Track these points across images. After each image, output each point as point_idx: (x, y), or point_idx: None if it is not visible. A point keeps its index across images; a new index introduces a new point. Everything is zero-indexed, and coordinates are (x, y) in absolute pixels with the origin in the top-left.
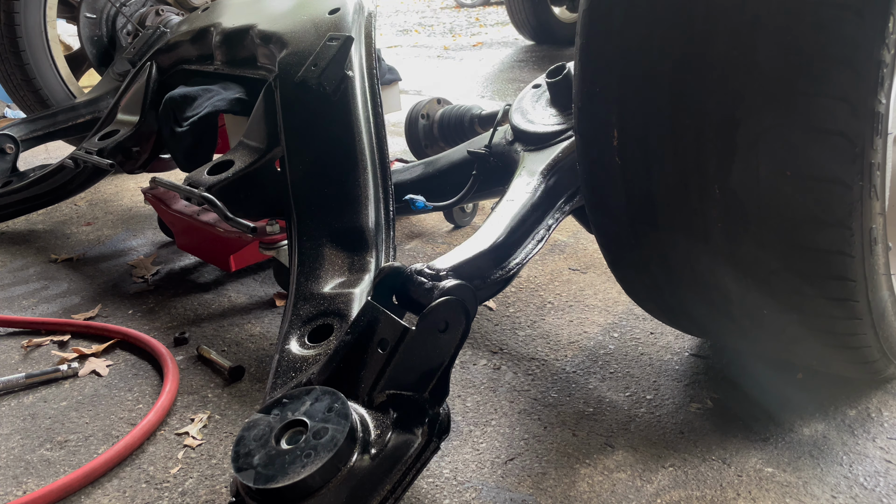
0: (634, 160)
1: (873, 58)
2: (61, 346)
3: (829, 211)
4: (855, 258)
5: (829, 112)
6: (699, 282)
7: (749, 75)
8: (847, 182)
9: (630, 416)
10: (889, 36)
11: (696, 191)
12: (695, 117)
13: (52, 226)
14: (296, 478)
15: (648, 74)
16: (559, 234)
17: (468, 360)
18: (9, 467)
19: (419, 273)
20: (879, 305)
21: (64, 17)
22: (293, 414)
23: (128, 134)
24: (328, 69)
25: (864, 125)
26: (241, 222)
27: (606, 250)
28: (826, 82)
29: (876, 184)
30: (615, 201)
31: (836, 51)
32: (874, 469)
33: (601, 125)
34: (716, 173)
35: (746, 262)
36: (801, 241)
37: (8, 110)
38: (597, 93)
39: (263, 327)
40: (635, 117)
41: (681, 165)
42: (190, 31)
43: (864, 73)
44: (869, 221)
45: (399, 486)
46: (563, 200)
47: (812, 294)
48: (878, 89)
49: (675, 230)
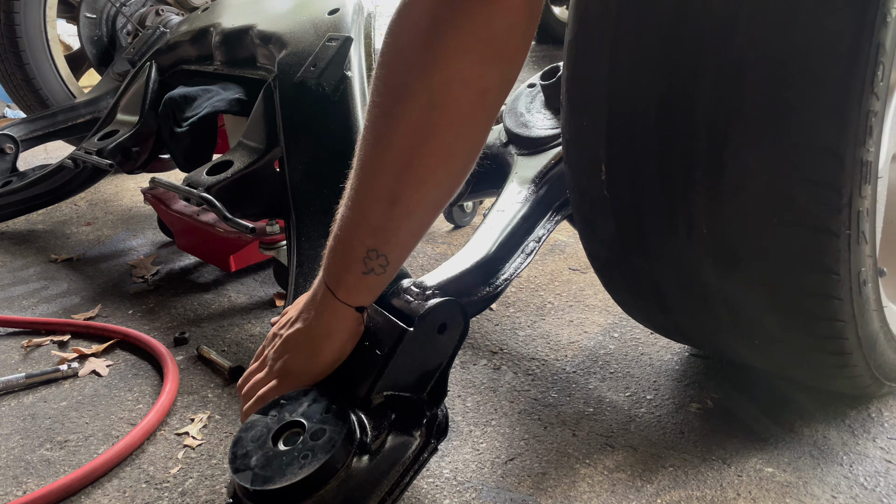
0: (623, 195)
1: (861, 108)
2: (61, 346)
3: (816, 257)
4: (843, 301)
5: (815, 162)
6: (691, 309)
7: (735, 120)
8: (834, 231)
9: (630, 416)
10: (878, 84)
11: (684, 228)
12: (682, 157)
13: (52, 226)
14: (293, 479)
15: (635, 112)
16: (559, 234)
17: (468, 360)
18: (9, 467)
19: (406, 291)
20: (870, 339)
21: (64, 17)
22: (291, 415)
23: (127, 134)
24: (327, 69)
25: (851, 175)
26: (240, 223)
27: (600, 274)
28: (812, 132)
29: (864, 230)
30: (605, 231)
31: (822, 100)
32: (874, 469)
33: (589, 159)
34: (703, 213)
35: (735, 297)
36: (788, 284)
37: (8, 110)
38: (584, 127)
39: (263, 327)
40: (623, 154)
41: (669, 203)
42: (190, 31)
43: (851, 124)
44: (858, 266)
45: (397, 487)
46: (554, 209)
47: (801, 331)
48: (867, 139)
49: (665, 263)
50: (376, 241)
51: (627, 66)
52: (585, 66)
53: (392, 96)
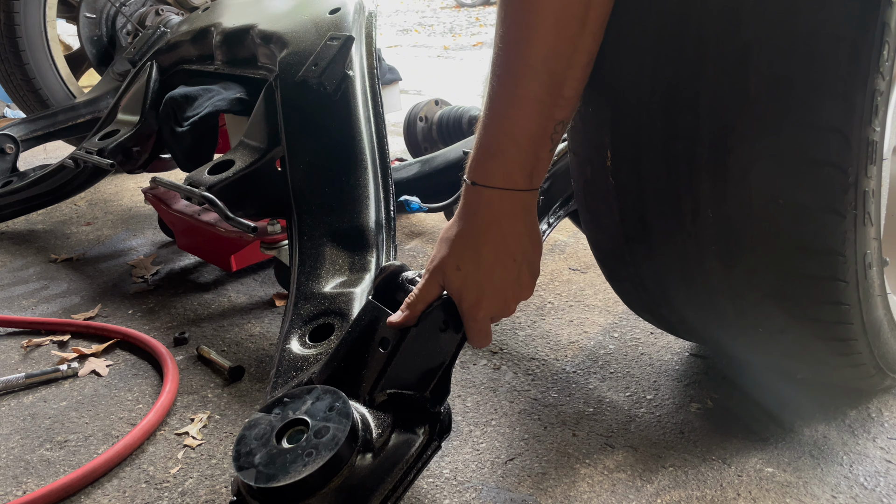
0: (628, 182)
1: (867, 88)
2: (61, 346)
3: (822, 239)
4: (849, 283)
5: (821, 143)
6: (695, 300)
7: (740, 104)
8: (840, 211)
9: (630, 416)
10: (883, 64)
11: (689, 214)
12: (687, 143)
13: (52, 226)
14: (297, 477)
15: (640, 98)
16: (559, 234)
17: (468, 360)
18: (9, 467)
19: (411, 282)
20: (875, 325)
21: (64, 17)
22: (294, 413)
23: (128, 134)
24: (329, 69)
25: (857, 155)
26: (242, 222)
27: (603, 265)
28: (818, 113)
29: (870, 210)
30: (609, 220)
31: (828, 82)
32: (874, 469)
33: (594, 146)
34: (709, 198)
35: (741, 284)
36: (794, 268)
37: (8, 110)
38: (589, 113)
39: (263, 327)
40: (628, 140)
41: (674, 189)
42: (190, 30)
43: (857, 104)
44: (863, 248)
45: (400, 485)
46: (557, 205)
47: (806, 317)
48: (873, 118)
49: (670, 251)
50: (566, 111)
51: (631, 52)
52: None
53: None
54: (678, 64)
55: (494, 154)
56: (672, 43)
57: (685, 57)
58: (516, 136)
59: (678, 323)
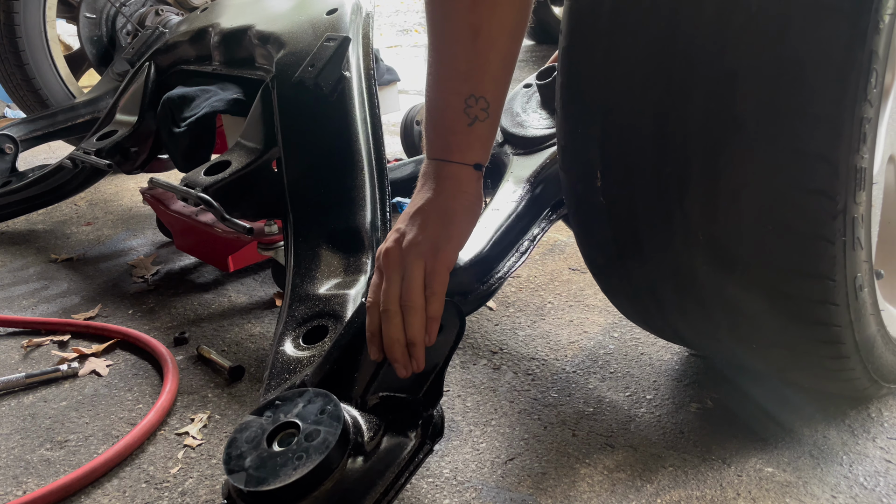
0: (619, 201)
1: (855, 115)
2: (61, 346)
3: (811, 263)
4: (839, 306)
5: (809, 170)
6: (689, 314)
7: (728, 129)
8: (829, 238)
9: (630, 416)
10: (871, 91)
11: (680, 235)
12: (677, 166)
13: (52, 226)
14: (287, 480)
15: (629, 120)
16: (560, 234)
17: (468, 360)
18: (9, 467)
19: None
20: (868, 342)
21: (64, 17)
22: (285, 416)
23: (126, 134)
24: (325, 70)
25: (845, 182)
26: (238, 223)
27: (597, 279)
28: (805, 140)
29: (860, 236)
30: (602, 236)
31: (815, 109)
32: (874, 469)
33: (584, 165)
34: (699, 220)
35: (733, 302)
36: (784, 290)
37: (8, 110)
38: (579, 133)
39: (263, 327)
40: (618, 161)
41: (665, 210)
42: (188, 31)
43: (845, 132)
44: (854, 271)
45: (392, 488)
46: (549, 209)
47: (798, 336)
48: (861, 146)
49: (662, 269)
50: (470, 83)
51: (622, 74)
52: (580, 74)
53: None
54: (667, 87)
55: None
56: (661, 67)
57: (674, 81)
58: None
59: (674, 335)
